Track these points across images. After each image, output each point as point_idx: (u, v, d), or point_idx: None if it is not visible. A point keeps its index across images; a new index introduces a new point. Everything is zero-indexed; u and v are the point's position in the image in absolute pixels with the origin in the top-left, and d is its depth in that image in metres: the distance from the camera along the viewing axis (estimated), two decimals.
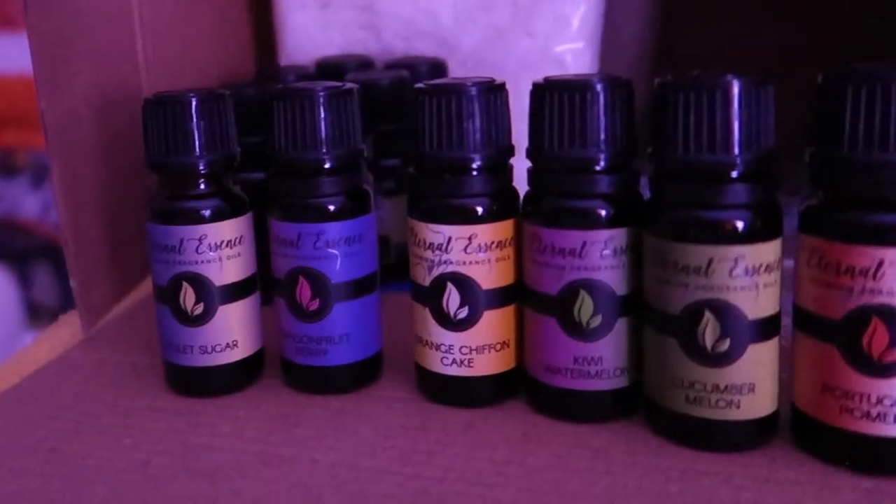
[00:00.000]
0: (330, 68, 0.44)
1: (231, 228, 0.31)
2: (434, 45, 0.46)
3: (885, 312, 0.24)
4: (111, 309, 0.40)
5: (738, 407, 0.26)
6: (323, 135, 0.29)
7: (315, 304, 0.30)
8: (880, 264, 0.24)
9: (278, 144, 0.30)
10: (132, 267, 0.41)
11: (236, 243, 0.31)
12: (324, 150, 0.30)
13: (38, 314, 0.97)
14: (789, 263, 0.27)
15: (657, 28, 0.57)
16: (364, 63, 0.45)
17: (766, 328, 0.26)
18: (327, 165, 0.30)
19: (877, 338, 0.24)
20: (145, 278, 0.43)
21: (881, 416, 0.25)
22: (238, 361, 0.32)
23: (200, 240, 0.30)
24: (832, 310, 0.25)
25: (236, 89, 0.36)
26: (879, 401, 0.25)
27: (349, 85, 0.30)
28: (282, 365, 0.33)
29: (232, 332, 0.31)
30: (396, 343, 0.33)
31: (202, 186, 0.31)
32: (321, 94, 0.29)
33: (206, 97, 0.30)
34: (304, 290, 0.30)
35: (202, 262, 0.30)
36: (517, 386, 0.31)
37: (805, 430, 0.27)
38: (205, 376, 0.31)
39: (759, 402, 0.27)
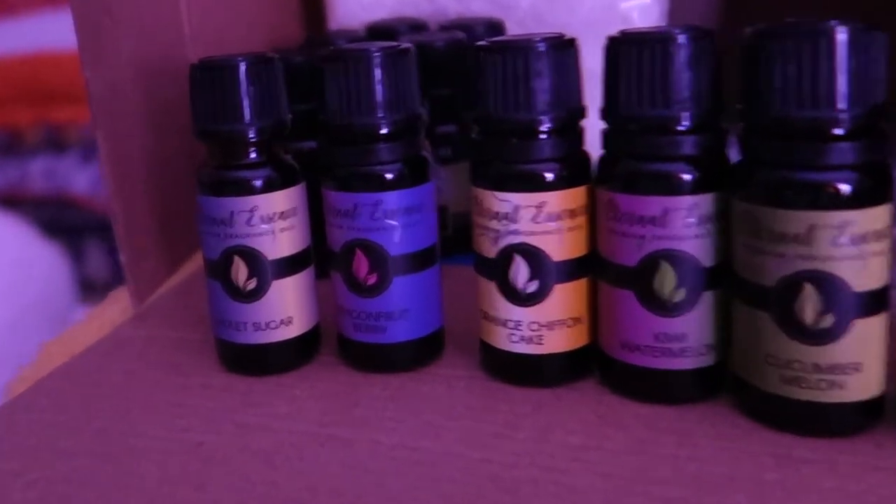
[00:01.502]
0: (381, 32, 0.42)
1: (283, 199, 0.29)
2: (489, 5, 0.44)
3: None
4: (162, 284, 0.39)
5: (842, 388, 0.24)
6: (378, 98, 0.27)
7: (373, 279, 0.29)
8: None
9: (331, 109, 0.28)
10: (182, 240, 0.40)
11: (289, 215, 0.29)
12: (380, 115, 0.28)
13: (91, 290, 0.97)
14: None
15: None
16: (417, 26, 0.43)
17: (874, 302, 0.24)
18: (384, 131, 0.28)
19: None
20: (196, 252, 0.42)
21: None
22: (293, 339, 0.30)
23: (252, 211, 0.28)
24: None
25: (285, 54, 0.34)
26: None
27: (405, 45, 0.28)
28: (338, 342, 0.31)
29: (286, 308, 0.30)
30: (457, 319, 0.31)
31: (252, 155, 0.29)
32: (375, 54, 0.27)
33: (255, 61, 0.28)
34: (361, 264, 0.28)
35: (254, 234, 0.29)
36: (590, 364, 0.29)
37: None
38: (259, 354, 0.30)
39: (865, 383, 0.24)
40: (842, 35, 0.22)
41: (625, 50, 0.25)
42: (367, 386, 0.29)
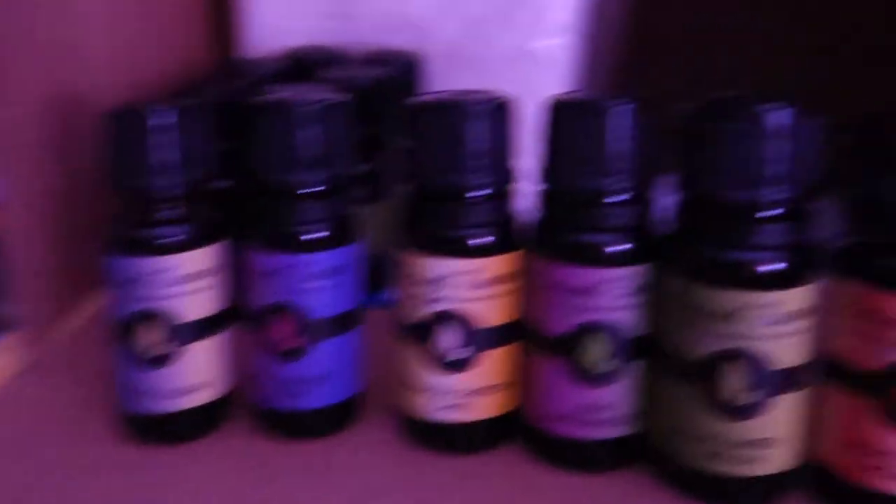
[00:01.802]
0: (300, 62, 0.41)
1: (203, 258, 0.27)
2: (408, 36, 0.44)
3: None
4: (57, 330, 0.37)
5: (760, 463, 0.24)
6: (311, 154, 0.26)
7: (294, 343, 0.27)
8: None
9: (258, 164, 0.27)
10: (81, 285, 0.38)
11: (208, 274, 0.27)
12: (311, 172, 0.27)
13: None
14: None
15: (630, 10, 0.56)
16: (336, 56, 0.42)
17: (794, 379, 0.24)
18: (315, 189, 0.27)
19: None
20: (95, 297, 0.39)
21: None
22: (206, 405, 0.28)
23: (167, 272, 0.27)
24: (871, 361, 0.23)
25: (201, 89, 0.33)
26: None
27: (341, 96, 0.27)
28: (252, 408, 0.29)
29: (200, 374, 0.28)
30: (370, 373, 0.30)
31: (171, 210, 0.27)
32: (308, 107, 0.26)
33: (176, 109, 0.27)
34: (282, 328, 0.27)
35: (168, 296, 0.27)
36: (513, 429, 0.28)
37: (828, 487, 0.25)
38: (168, 423, 0.28)
39: (782, 457, 0.25)
40: (777, 118, 0.22)
41: (565, 117, 0.25)
42: (285, 455, 0.28)
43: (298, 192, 0.27)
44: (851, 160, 0.24)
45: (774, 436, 0.24)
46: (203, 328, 0.28)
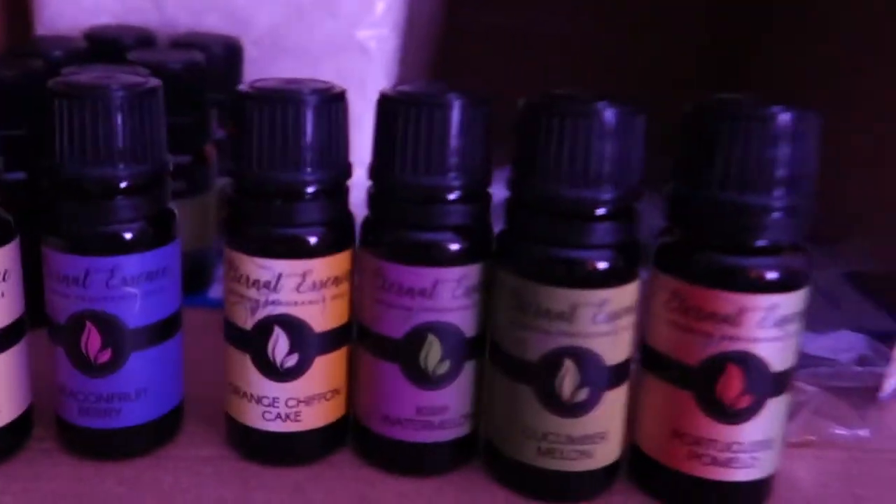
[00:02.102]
0: (103, 42, 0.38)
1: None
2: (224, 21, 0.41)
3: (740, 359, 0.23)
4: None
5: (591, 457, 0.25)
6: (120, 145, 0.24)
7: (106, 355, 0.25)
8: (741, 311, 0.23)
9: (59, 155, 0.24)
10: None
11: None
12: (120, 165, 0.24)
13: None
14: None
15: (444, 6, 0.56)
16: (144, 38, 0.39)
17: (622, 374, 0.25)
18: (125, 184, 0.24)
19: (731, 385, 0.24)
20: None
21: (729, 462, 0.24)
22: (1, 429, 0.25)
23: None
24: (690, 355, 0.24)
25: None
26: (728, 447, 0.24)
27: (152, 82, 0.25)
28: (59, 426, 0.26)
29: None
30: (191, 379, 0.28)
31: None
32: (118, 93, 0.24)
33: None
34: (92, 339, 0.25)
35: None
36: (345, 435, 0.27)
37: (651, 475, 0.26)
38: None
39: (610, 449, 0.25)
40: (609, 116, 0.23)
41: (400, 110, 0.24)
42: (98, 481, 0.25)
43: (107, 186, 0.24)
44: (670, 158, 0.25)
45: (605, 430, 0.25)
46: None
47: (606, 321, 0.24)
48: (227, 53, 0.40)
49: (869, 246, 0.39)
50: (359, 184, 0.26)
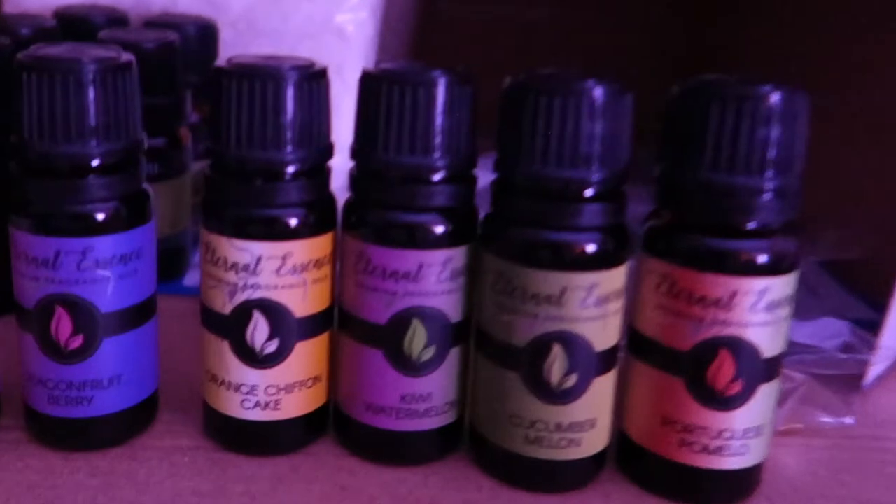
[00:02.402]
0: (74, 22, 0.37)
1: None
2: (199, 2, 0.40)
3: (732, 344, 0.23)
4: None
5: (579, 445, 0.24)
6: (92, 122, 0.23)
7: (77, 341, 0.24)
8: (733, 295, 0.23)
9: (28, 132, 0.23)
10: None
11: None
12: (93, 142, 0.23)
13: None
14: None
15: None
16: (116, 18, 0.38)
17: (610, 360, 0.24)
18: (96, 162, 0.23)
19: (723, 370, 0.23)
20: None
21: (720, 450, 0.24)
22: None
23: None
24: (680, 340, 0.23)
25: None
26: (719, 434, 0.24)
27: (125, 56, 0.24)
28: (27, 416, 0.25)
29: None
30: (165, 367, 0.27)
31: None
32: (90, 66, 0.23)
33: None
34: (62, 324, 0.24)
35: None
36: (325, 424, 0.27)
37: (639, 463, 0.25)
38: None
39: (599, 437, 0.25)
40: (596, 95, 0.22)
41: (383, 88, 0.23)
42: (69, 472, 0.24)
43: (79, 164, 0.23)
44: (648, 147, 0.24)
45: (594, 417, 0.24)
46: None
47: (596, 305, 0.23)
48: (202, 35, 0.40)
49: (844, 235, 0.39)
50: (338, 169, 0.25)
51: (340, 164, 0.25)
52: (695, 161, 0.23)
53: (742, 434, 0.24)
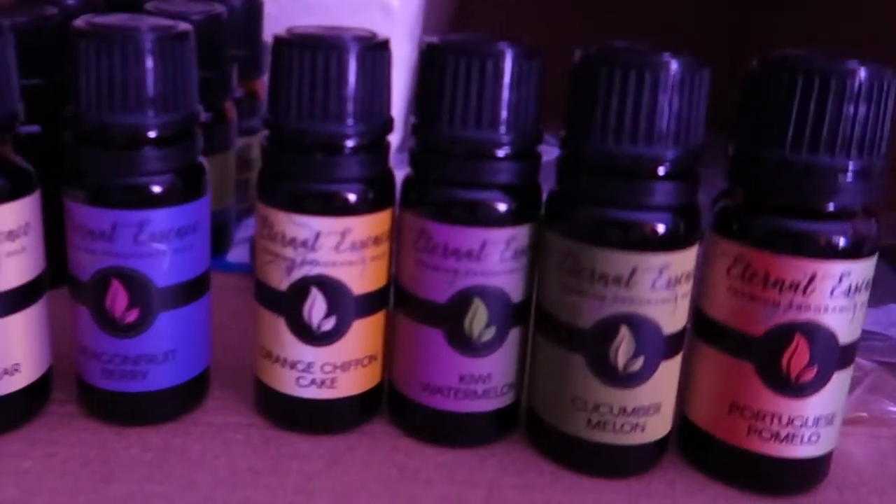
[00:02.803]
0: None
1: (12, 215, 0.23)
2: None
3: (808, 330, 0.22)
4: None
5: (643, 430, 0.24)
6: (150, 92, 0.22)
7: (133, 315, 0.23)
8: (812, 278, 0.22)
9: (85, 103, 0.22)
10: None
11: (19, 234, 0.23)
12: (150, 113, 0.22)
13: None
14: None
15: None
16: None
17: (678, 343, 0.24)
18: (154, 133, 0.23)
19: (798, 356, 0.22)
20: None
21: (791, 438, 0.23)
22: (20, 390, 0.24)
23: None
24: (752, 324, 0.23)
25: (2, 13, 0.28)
26: (791, 421, 0.23)
27: (183, 26, 0.23)
28: (80, 389, 0.25)
29: (12, 354, 0.23)
30: (218, 343, 0.27)
31: None
32: (149, 35, 0.22)
33: None
34: (118, 297, 0.23)
35: None
36: (380, 403, 0.26)
37: (705, 450, 0.25)
38: None
39: (663, 422, 0.24)
40: (672, 69, 0.21)
41: (446, 61, 0.22)
42: (123, 447, 0.24)
43: (135, 135, 0.23)
44: (734, 114, 0.23)
45: (659, 401, 0.24)
46: (13, 301, 0.23)
47: (666, 287, 0.23)
48: (247, 8, 0.39)
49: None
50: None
51: (393, 140, 0.25)
52: (774, 139, 0.22)
53: (814, 422, 0.23)
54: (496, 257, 0.23)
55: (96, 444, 0.24)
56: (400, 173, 0.24)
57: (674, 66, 0.21)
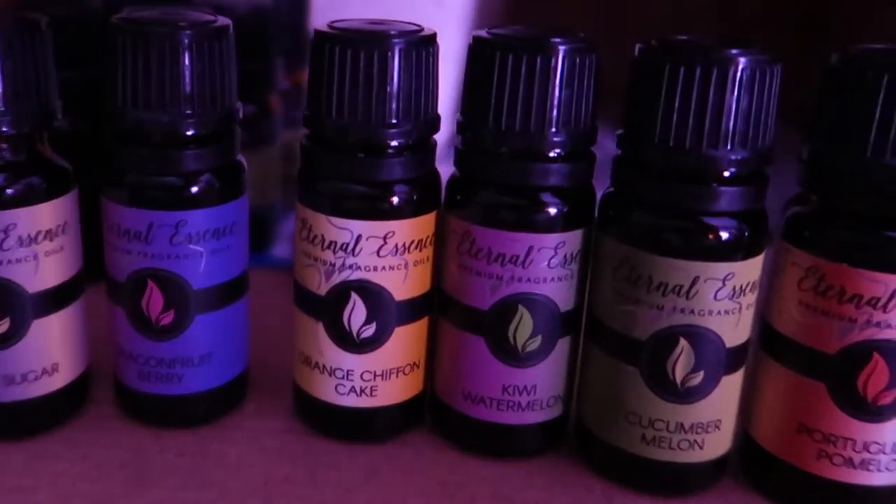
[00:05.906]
0: None
1: (50, 213, 0.22)
2: None
3: (889, 349, 0.20)
4: None
5: (702, 448, 0.22)
6: (187, 89, 0.21)
7: (169, 318, 0.23)
8: (893, 294, 0.20)
9: (122, 100, 0.22)
10: None
11: (57, 233, 0.22)
12: (188, 111, 0.22)
13: None
14: None
15: None
16: None
17: (740, 357, 0.22)
18: (192, 132, 0.22)
19: (876, 377, 0.21)
20: None
21: (866, 464, 0.21)
22: (58, 391, 0.23)
23: (6, 231, 0.21)
24: (825, 342, 0.21)
25: (39, 6, 0.27)
26: (866, 447, 0.21)
27: (221, 20, 0.22)
28: (117, 391, 0.25)
29: (51, 354, 0.23)
30: (255, 344, 0.26)
31: (5, 156, 0.22)
32: (186, 31, 0.21)
33: (7, 27, 0.21)
34: (154, 299, 0.23)
35: (8, 261, 0.21)
36: (422, 412, 0.25)
37: (769, 472, 0.23)
38: (13, 414, 0.23)
39: (722, 440, 0.23)
40: (741, 67, 0.20)
41: (495, 56, 0.21)
42: (159, 451, 0.23)
43: (173, 134, 0.22)
44: (809, 112, 0.21)
45: (718, 418, 0.22)
46: (51, 300, 0.22)
47: (729, 298, 0.21)
48: (296, 1, 0.38)
49: None
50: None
51: (440, 137, 0.23)
52: (856, 141, 0.20)
53: (892, 448, 0.21)
54: (543, 264, 0.22)
55: (132, 446, 0.23)
56: (447, 170, 0.23)
57: (742, 61, 0.20)
